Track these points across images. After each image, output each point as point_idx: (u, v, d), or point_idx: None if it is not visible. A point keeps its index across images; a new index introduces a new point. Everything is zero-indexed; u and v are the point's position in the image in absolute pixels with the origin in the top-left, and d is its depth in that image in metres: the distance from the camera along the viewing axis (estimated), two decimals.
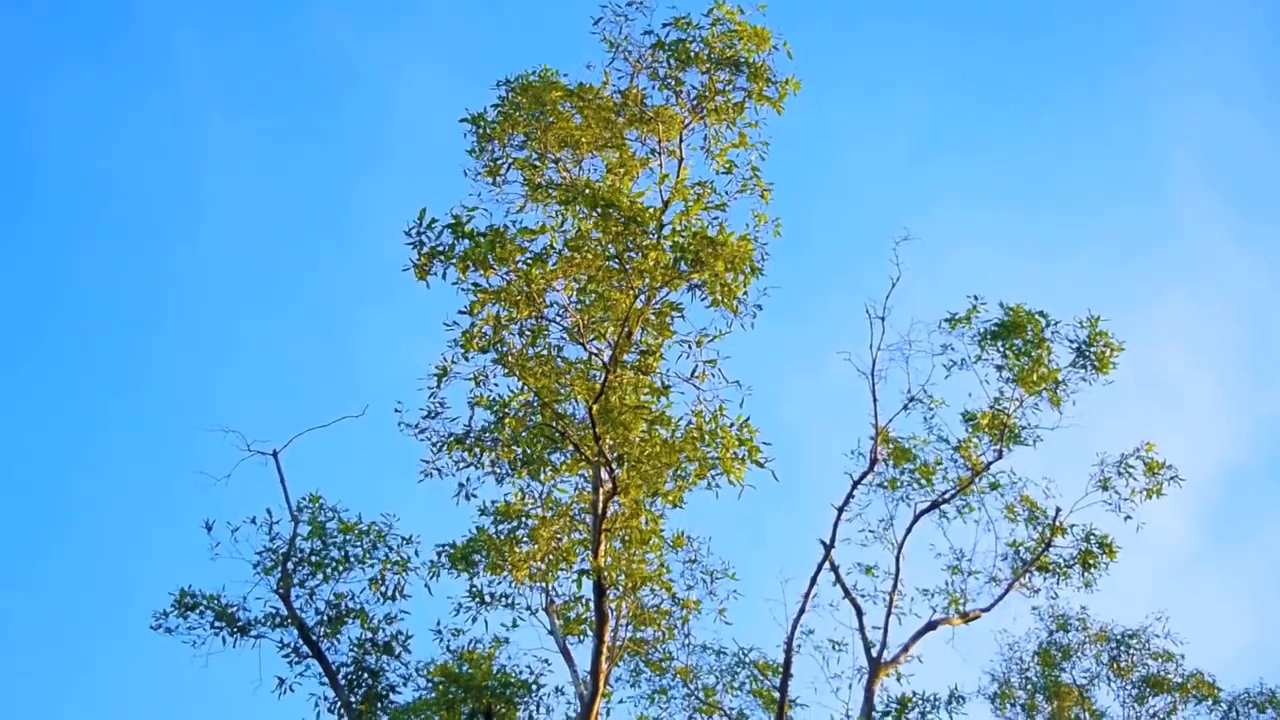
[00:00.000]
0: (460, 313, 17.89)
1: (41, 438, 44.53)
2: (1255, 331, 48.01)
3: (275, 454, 19.53)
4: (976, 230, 44.38)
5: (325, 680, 19.24)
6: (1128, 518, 22.69)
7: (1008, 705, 29.12)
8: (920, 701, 20.48)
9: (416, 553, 19.64)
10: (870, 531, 22.51)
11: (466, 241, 16.76)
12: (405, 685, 19.44)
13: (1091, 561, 22.80)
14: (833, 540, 20.42)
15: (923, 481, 22.39)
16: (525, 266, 17.08)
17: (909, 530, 22.19)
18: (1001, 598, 22.64)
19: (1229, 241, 49.33)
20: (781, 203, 18.51)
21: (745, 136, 18.51)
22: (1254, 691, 28.15)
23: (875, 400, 21.59)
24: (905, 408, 22.09)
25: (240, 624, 19.38)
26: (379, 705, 19.21)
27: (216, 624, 19.38)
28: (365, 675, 19.35)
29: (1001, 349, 21.99)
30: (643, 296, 17.62)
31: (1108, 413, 25.15)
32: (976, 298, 22.08)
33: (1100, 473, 22.80)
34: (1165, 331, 45.62)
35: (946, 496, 22.43)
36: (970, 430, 22.23)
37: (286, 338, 45.99)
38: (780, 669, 19.74)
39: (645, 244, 17.01)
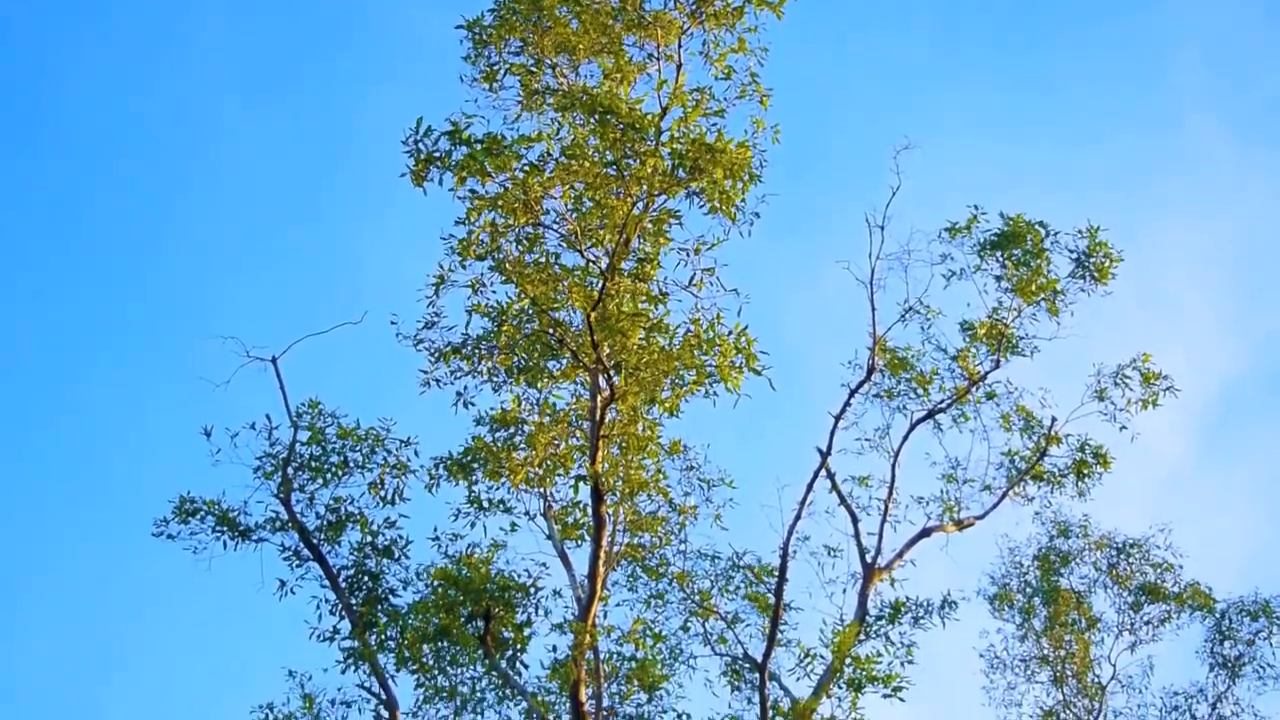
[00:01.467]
0: (457, 221, 17.91)
1: (44, 344, 44.74)
2: (1256, 252, 48.00)
3: (274, 360, 19.64)
4: (978, 153, 44.10)
5: (326, 583, 19.51)
6: (1123, 428, 22.80)
7: (1005, 608, 29.52)
8: (913, 607, 20.63)
9: (416, 453, 19.83)
10: (866, 440, 22.65)
11: (463, 148, 16.67)
12: (405, 589, 19.73)
13: (1086, 471, 22.95)
14: (829, 448, 20.53)
15: (919, 391, 22.46)
16: (522, 174, 17.01)
17: (905, 439, 22.30)
18: (995, 506, 22.81)
19: (1234, 166, 49.07)
20: (781, 112, 18.45)
21: (744, 42, 18.37)
22: (1248, 600, 28.49)
23: (873, 310, 21.58)
24: (903, 318, 22.11)
25: (241, 528, 19.61)
26: (379, 608, 19.47)
27: (217, 529, 19.60)
28: (365, 578, 19.61)
29: (1000, 259, 21.96)
30: (640, 204, 17.56)
31: (1106, 327, 25.17)
32: (976, 208, 22.02)
33: (1096, 383, 22.85)
34: (1166, 252, 45.59)
35: (942, 406, 22.51)
36: (968, 340, 22.26)
37: (288, 248, 46.00)
38: (775, 573, 19.93)
39: (643, 150, 16.91)
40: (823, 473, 20.54)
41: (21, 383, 43.28)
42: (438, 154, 16.81)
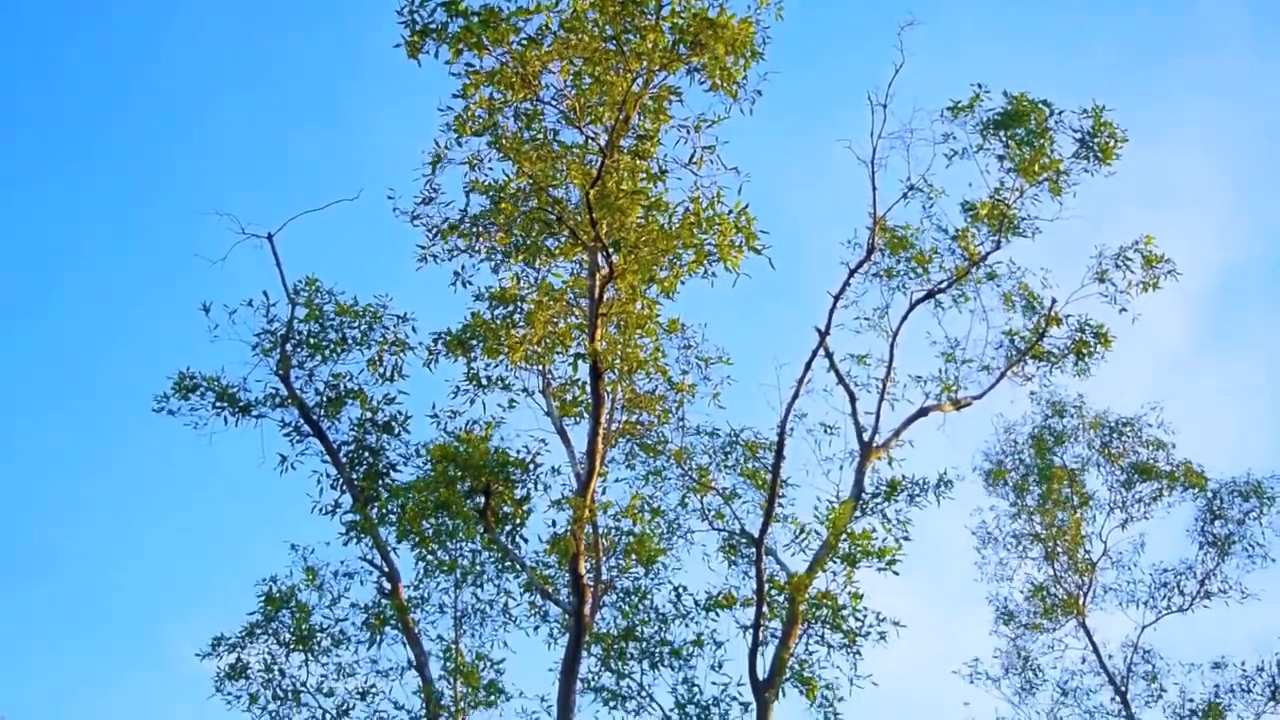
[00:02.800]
0: (454, 96, 17.71)
1: (40, 224, 44.58)
2: (1266, 137, 47.30)
3: (270, 237, 19.60)
4: (988, 22, 43.29)
5: (327, 458, 19.70)
6: (1123, 310, 22.75)
7: (999, 485, 29.86)
8: (909, 485, 20.77)
9: (414, 329, 19.86)
10: (865, 320, 22.64)
11: (460, 20, 16.42)
12: (405, 465, 19.92)
13: (1085, 351, 22.97)
14: (828, 327, 20.49)
15: (919, 271, 22.40)
16: (520, 47, 16.78)
17: (904, 318, 22.29)
18: (993, 386, 22.90)
19: (1250, 49, 48.13)
20: None
21: None
22: (1240, 480, 28.77)
23: (874, 189, 21.40)
24: (904, 197, 21.93)
25: (241, 404, 19.74)
26: (380, 483, 19.66)
27: (218, 405, 19.74)
28: (366, 454, 19.79)
29: (1003, 138, 21.74)
30: (640, 80, 17.35)
31: (1109, 210, 25.09)
32: (980, 86, 21.72)
33: (1098, 265, 22.76)
34: (1175, 134, 44.99)
35: (942, 286, 22.46)
36: (969, 220, 22.14)
37: (285, 125, 45.57)
38: (773, 450, 20.06)
39: (643, 25, 16.67)
40: (821, 352, 20.53)
41: (21, 261, 43.24)
42: (433, 25, 16.57)
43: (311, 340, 19.84)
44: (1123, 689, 28.11)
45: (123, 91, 45.75)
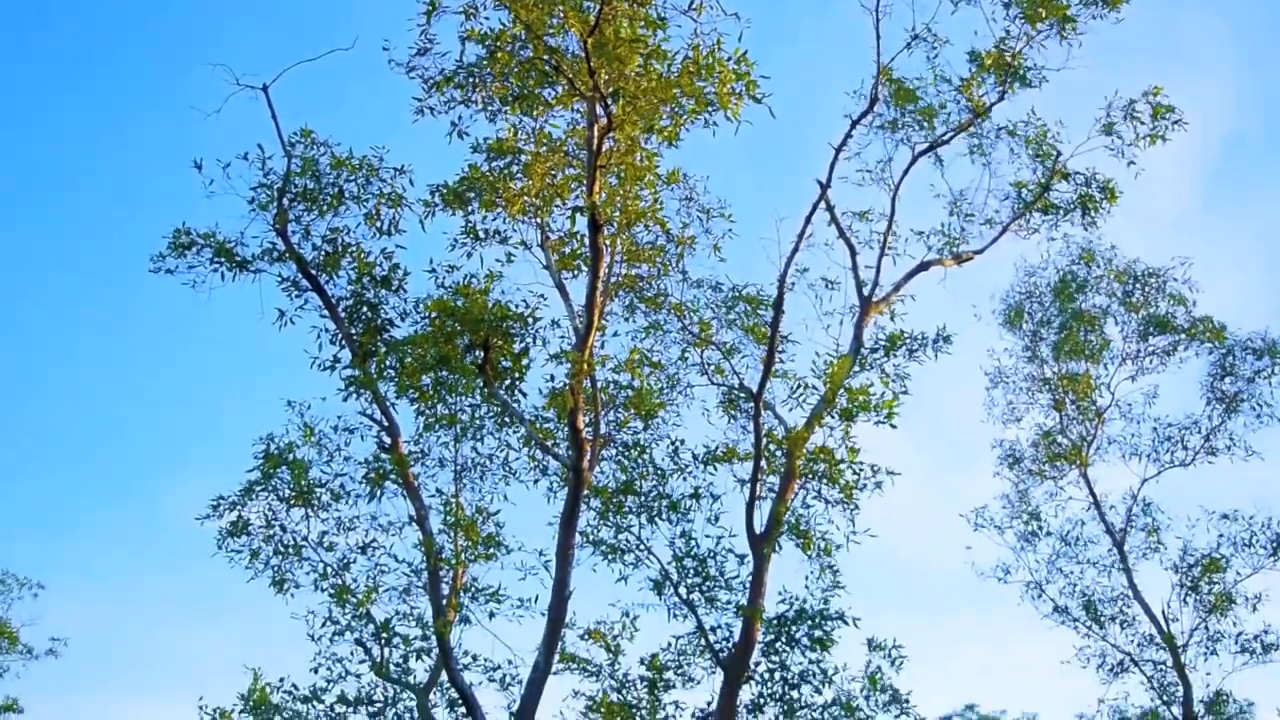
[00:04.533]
0: None
1: (36, 81, 43.98)
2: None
3: (265, 88, 19.20)
4: None
5: (325, 313, 19.59)
6: (1131, 163, 22.36)
7: (1016, 327, 29.77)
8: (909, 340, 20.67)
9: (411, 181, 19.60)
10: (868, 172, 22.32)
11: None
12: (403, 320, 19.79)
13: (1091, 206, 22.65)
14: (829, 180, 20.20)
15: (923, 123, 21.99)
16: None
17: (906, 171, 21.96)
18: (996, 239, 22.67)
19: None
20: None
21: None
22: (1255, 338, 28.67)
23: (878, 38, 20.93)
24: (909, 46, 21.38)
25: (238, 260, 19.56)
26: (379, 338, 19.59)
27: (215, 260, 19.56)
28: (364, 309, 19.67)
29: None
30: None
31: (1117, 70, 24.55)
32: None
33: (1106, 115, 22.30)
34: None
35: (946, 138, 22.09)
36: (974, 70, 21.65)
37: None
38: (773, 304, 19.93)
39: None
40: (822, 205, 20.29)
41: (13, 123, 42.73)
42: None
43: (308, 194, 19.58)
44: (1121, 542, 28.37)
45: None
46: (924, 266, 21.68)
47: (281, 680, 19.99)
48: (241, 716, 20.45)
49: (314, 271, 19.53)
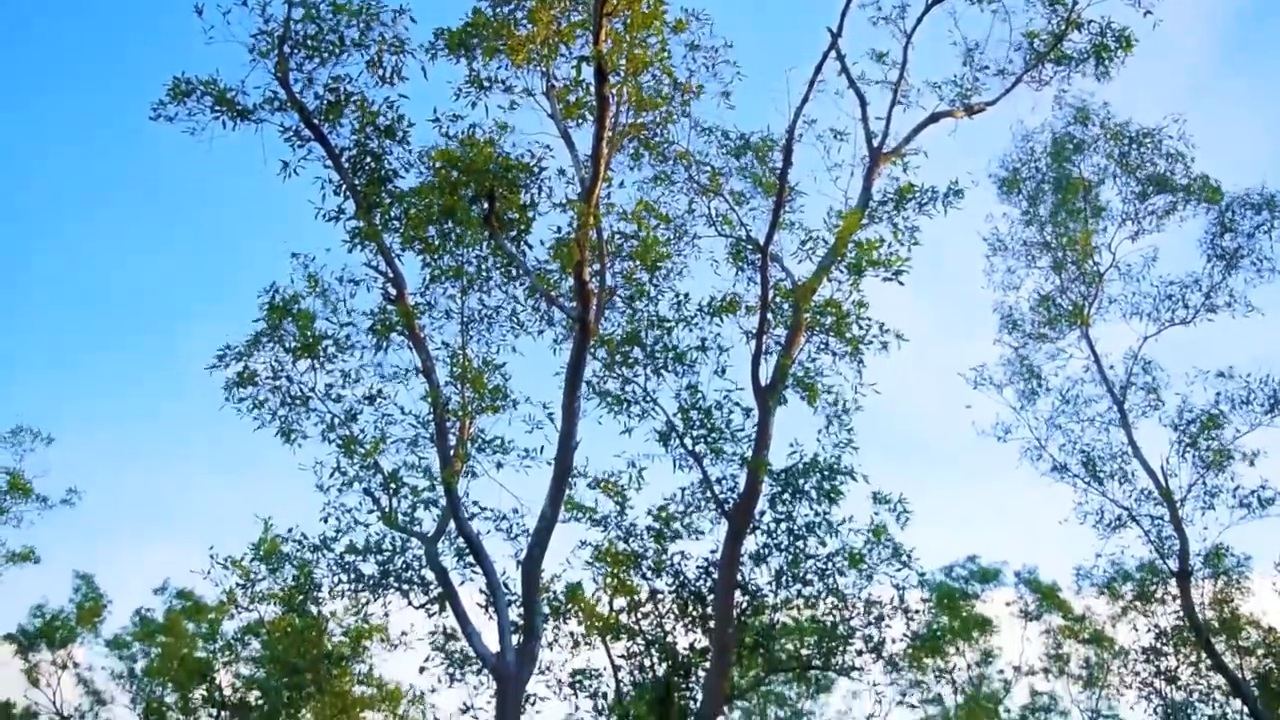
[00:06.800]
0: None
1: None
2: None
3: None
4: None
5: (328, 164, 19.32)
6: (1148, 13, 21.85)
7: (1014, 192, 29.55)
8: (919, 193, 20.43)
9: (414, 19, 19.14)
10: (883, 18, 21.82)
11: None
12: (407, 171, 19.52)
13: (1106, 55, 22.22)
14: (840, 28, 19.77)
15: None
16: None
17: (920, 18, 21.52)
18: (1010, 89, 22.31)
19: None
20: None
21: None
22: (1254, 193, 28.44)
23: None
24: None
25: (240, 108, 19.22)
26: (383, 189, 19.36)
27: (216, 109, 19.21)
28: (368, 159, 19.40)
29: None
30: None
31: None
32: None
33: None
34: None
35: None
36: None
37: None
38: (781, 153, 19.68)
39: None
40: (833, 55, 19.92)
41: None
42: None
43: (309, 42, 19.17)
44: (1121, 399, 28.47)
45: None
46: (935, 118, 21.37)
47: (291, 530, 20.33)
48: (252, 565, 20.81)
49: (316, 121, 19.21)
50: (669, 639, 20.83)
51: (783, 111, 19.81)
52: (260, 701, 26.22)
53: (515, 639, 18.41)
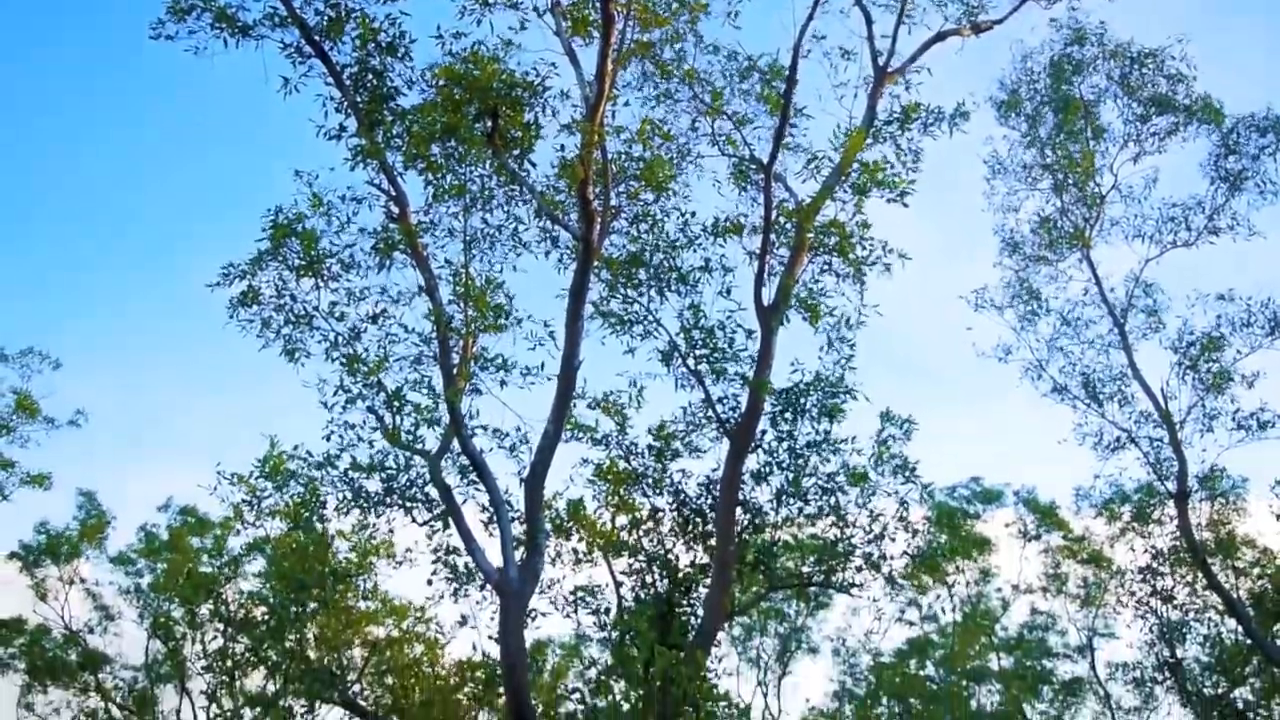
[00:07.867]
0: None
1: None
2: None
3: None
4: None
5: (330, 81, 19.19)
6: None
7: (1013, 114, 29.35)
8: (924, 113, 20.29)
9: None
10: None
11: None
12: (410, 89, 19.38)
13: None
14: None
15: None
16: None
17: None
18: (1017, 8, 22.08)
19: None
20: None
21: None
22: (1259, 116, 28.25)
23: None
24: None
25: (240, 25, 19.07)
26: (385, 107, 19.25)
27: (216, 26, 19.05)
28: (370, 77, 19.25)
29: None
30: None
31: None
32: None
33: None
34: None
35: None
36: None
37: None
38: (786, 73, 19.53)
39: None
40: None
41: None
42: None
43: None
44: (1122, 321, 28.51)
45: None
46: (941, 36, 21.16)
47: (296, 447, 20.49)
48: (258, 481, 20.99)
49: (317, 37, 19.06)
50: (670, 556, 21.05)
51: (789, 29, 19.58)
52: (266, 617, 26.52)
53: (518, 555, 18.62)
